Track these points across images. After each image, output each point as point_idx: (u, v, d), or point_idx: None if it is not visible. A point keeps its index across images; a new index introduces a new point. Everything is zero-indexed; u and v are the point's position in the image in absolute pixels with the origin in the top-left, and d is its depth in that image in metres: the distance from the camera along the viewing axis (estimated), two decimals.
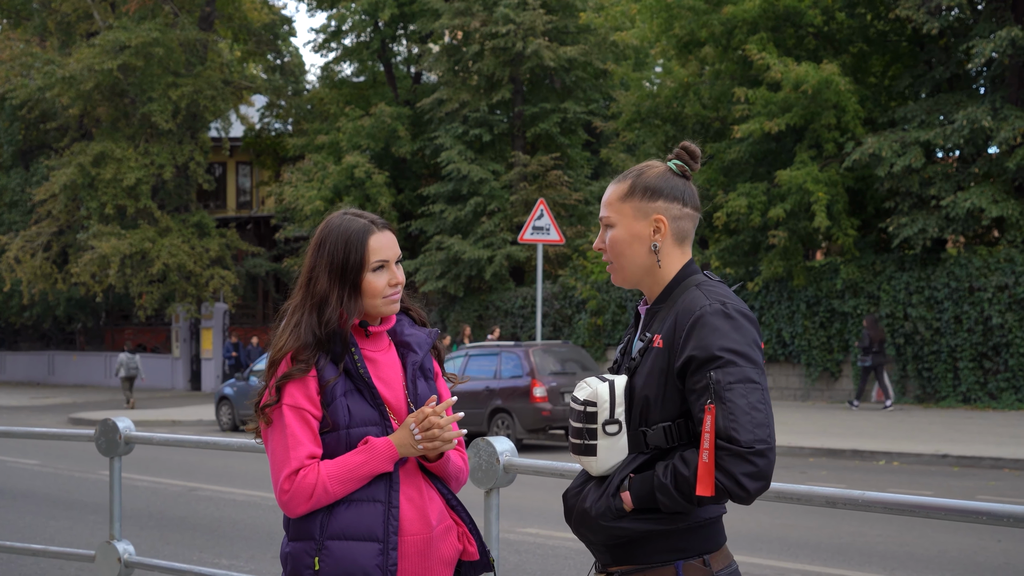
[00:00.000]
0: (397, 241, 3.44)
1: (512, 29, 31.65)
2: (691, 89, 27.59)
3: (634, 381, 3.01)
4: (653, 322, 3.07)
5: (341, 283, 3.33)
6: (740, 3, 25.14)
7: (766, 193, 25.34)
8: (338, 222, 3.40)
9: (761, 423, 2.80)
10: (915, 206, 24.41)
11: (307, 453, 3.24)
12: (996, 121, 22.95)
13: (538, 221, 23.13)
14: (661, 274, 3.09)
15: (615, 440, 2.98)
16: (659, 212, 3.07)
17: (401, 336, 3.48)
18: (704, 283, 3.04)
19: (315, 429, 3.27)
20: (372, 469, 3.27)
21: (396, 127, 35.21)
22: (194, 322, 40.87)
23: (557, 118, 33.35)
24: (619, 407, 2.98)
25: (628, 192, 3.10)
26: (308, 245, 3.44)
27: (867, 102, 26.05)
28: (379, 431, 3.33)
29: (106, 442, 6.10)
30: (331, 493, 3.24)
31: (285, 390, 3.27)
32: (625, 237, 3.09)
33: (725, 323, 2.89)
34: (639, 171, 3.14)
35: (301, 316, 3.33)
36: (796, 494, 3.63)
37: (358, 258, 3.32)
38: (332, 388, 3.28)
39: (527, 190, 32.41)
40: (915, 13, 23.45)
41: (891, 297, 25.10)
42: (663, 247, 3.08)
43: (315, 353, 3.28)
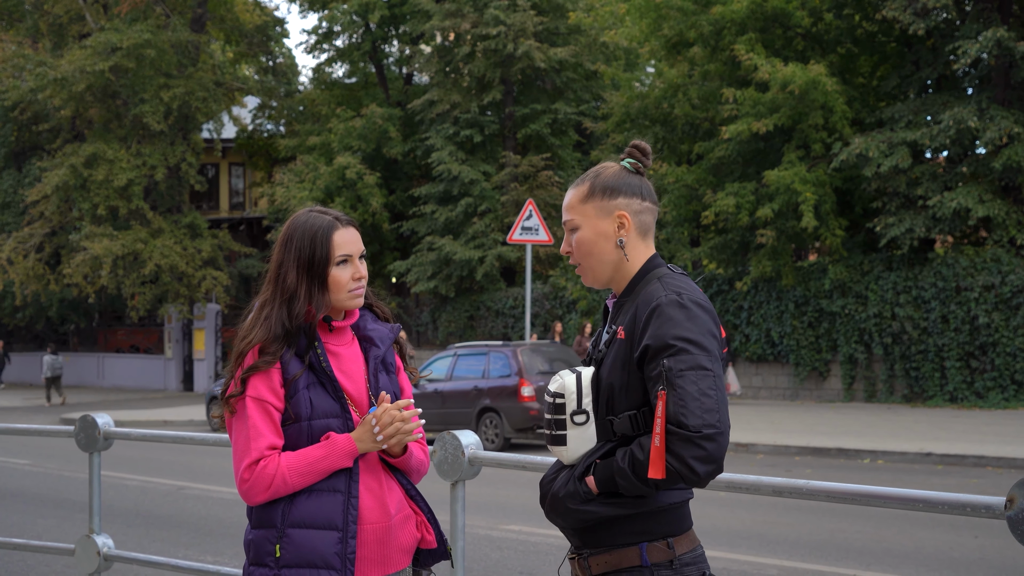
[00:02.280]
0: (361, 238, 3.54)
1: (503, 30, 31.77)
2: (680, 90, 27.70)
3: (600, 372, 3.12)
4: (619, 314, 3.18)
5: (309, 277, 3.42)
6: (729, 3, 25.28)
7: (754, 193, 25.47)
8: (304, 219, 3.50)
9: (710, 408, 2.87)
10: (902, 206, 24.55)
11: (267, 444, 3.33)
12: (982, 121, 23.08)
13: (527, 221, 23.24)
14: (628, 268, 3.19)
15: (583, 429, 3.09)
16: (621, 208, 3.18)
17: (364, 331, 3.59)
18: (665, 276, 3.14)
19: (277, 421, 3.37)
20: (331, 464, 3.37)
21: (387, 128, 35.30)
22: (187, 323, 40.94)
23: (548, 119, 33.46)
24: (586, 397, 3.09)
25: (588, 193, 3.20)
26: (275, 242, 3.53)
27: (854, 102, 26.19)
28: (340, 423, 3.42)
29: (85, 438, 6.20)
30: (289, 484, 3.34)
31: (249, 382, 3.36)
32: (591, 236, 3.19)
33: (679, 312, 2.99)
34: (596, 173, 3.25)
35: (271, 310, 3.42)
36: (745, 484, 3.73)
37: (324, 253, 3.42)
38: (296, 381, 3.38)
39: (518, 191, 32.52)
40: (902, 14, 23.58)
41: (879, 297, 25.23)
42: (628, 242, 3.18)
43: (282, 346, 3.38)
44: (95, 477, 6.14)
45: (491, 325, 33.40)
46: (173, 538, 11.11)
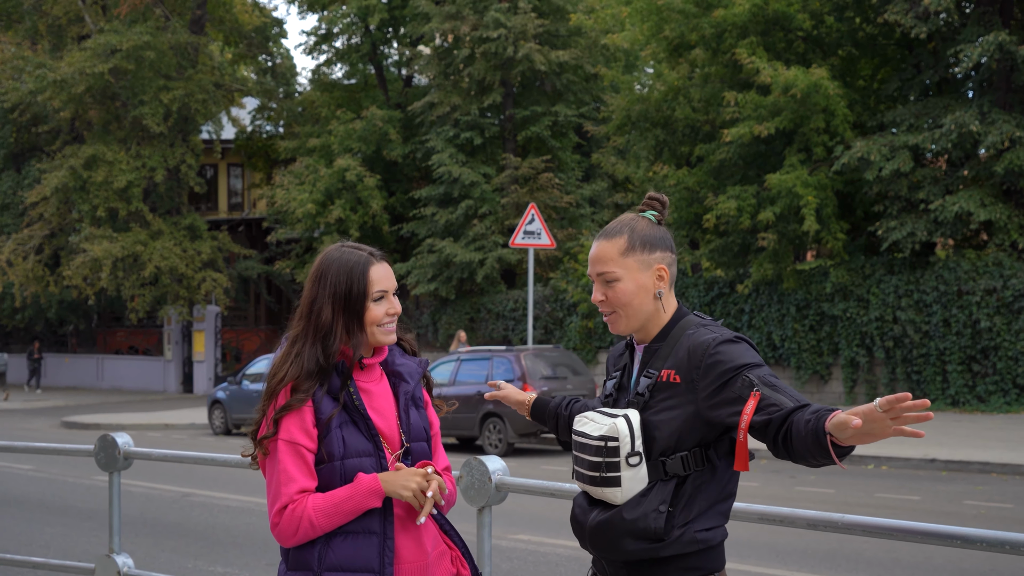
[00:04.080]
0: (393, 274, 3.53)
1: (503, 33, 31.75)
2: (681, 92, 27.70)
3: (646, 416, 3.24)
4: (654, 359, 3.31)
5: (345, 313, 3.40)
6: (730, 7, 25.27)
7: (755, 196, 25.47)
8: (338, 254, 3.47)
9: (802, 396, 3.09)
10: (904, 209, 24.57)
11: (297, 488, 3.30)
12: (984, 125, 23.09)
13: (529, 225, 23.24)
14: (660, 316, 3.36)
15: (637, 471, 3.20)
16: (660, 262, 3.35)
17: (393, 366, 3.55)
18: (702, 322, 3.34)
19: (310, 463, 3.34)
20: (357, 504, 3.33)
21: (387, 130, 35.29)
22: (186, 324, 40.92)
23: (548, 121, 33.45)
24: (638, 439, 3.21)
25: (628, 247, 3.33)
26: (306, 278, 3.50)
27: (856, 106, 26.19)
28: (373, 463, 3.39)
29: (105, 457, 6.19)
30: (317, 526, 3.30)
31: (282, 423, 3.33)
32: (632, 288, 3.32)
33: (737, 347, 3.20)
34: (630, 226, 3.37)
35: (303, 346, 3.39)
36: (779, 516, 3.72)
37: (361, 288, 3.40)
38: (328, 420, 3.35)
39: (518, 193, 32.50)
40: (903, 17, 23.59)
41: (880, 300, 25.24)
42: (664, 294, 3.35)
43: (315, 384, 3.35)
44: (115, 496, 6.13)
45: (491, 327, 33.39)
46: (182, 548, 11.10)
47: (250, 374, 25.68)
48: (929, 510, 12.93)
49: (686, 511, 3.19)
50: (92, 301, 38.91)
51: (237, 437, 24.93)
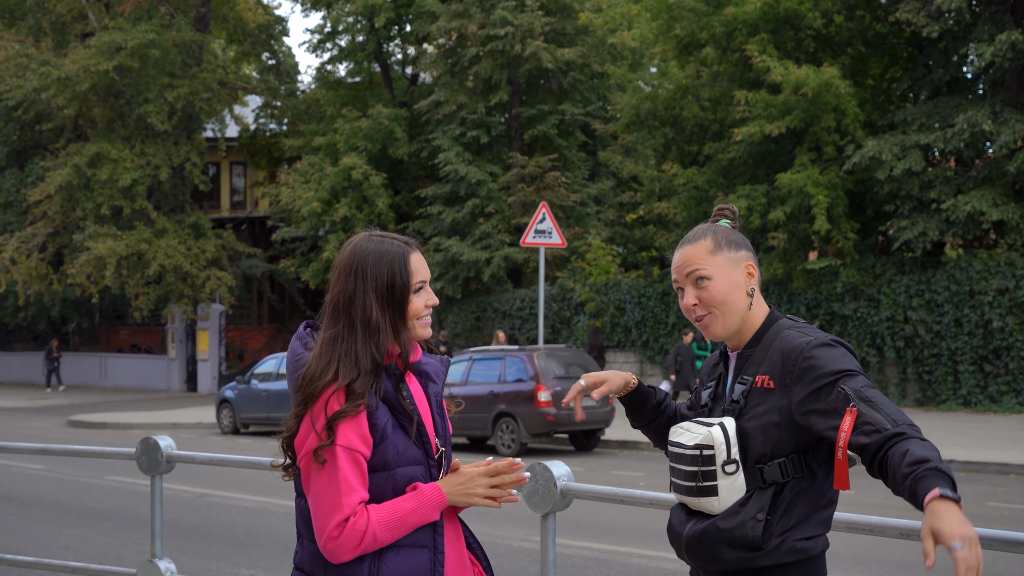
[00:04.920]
0: None
1: (510, 31, 31.67)
2: (690, 91, 27.62)
3: (741, 423, 3.18)
4: (748, 365, 3.25)
5: (391, 307, 3.19)
6: (741, 5, 25.18)
7: (766, 195, 25.40)
8: (373, 245, 3.24)
9: (898, 410, 2.99)
10: (915, 209, 24.48)
11: (359, 499, 3.12)
12: (996, 124, 23.02)
13: (540, 224, 23.13)
14: (752, 319, 3.30)
15: (734, 479, 3.15)
16: (747, 260, 3.31)
17: (420, 365, 3.35)
18: (795, 325, 3.27)
19: (365, 472, 3.15)
20: (421, 517, 3.18)
21: (393, 128, 35.21)
22: (190, 323, 40.81)
23: (555, 120, 33.35)
24: (734, 447, 3.15)
25: (715, 246, 3.29)
26: (335, 272, 3.25)
27: (866, 105, 26.11)
28: (423, 471, 3.24)
29: (147, 461, 6.09)
30: (380, 540, 3.13)
31: (339, 429, 3.10)
32: (726, 286, 3.27)
33: (834, 351, 3.12)
34: (712, 229, 3.35)
35: (351, 345, 3.16)
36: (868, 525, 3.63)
37: (404, 280, 3.20)
38: (383, 427, 3.17)
39: (525, 192, 32.42)
40: (915, 16, 23.51)
41: (891, 300, 25.16)
42: (755, 292, 3.31)
43: (368, 386, 3.14)
44: (156, 500, 6.03)
45: (498, 327, 33.29)
46: (202, 550, 10.99)
47: (259, 373, 25.58)
48: None
49: (784, 519, 3.11)
50: (95, 299, 38.76)
51: (246, 436, 24.82)
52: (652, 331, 29.93)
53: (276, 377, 25.09)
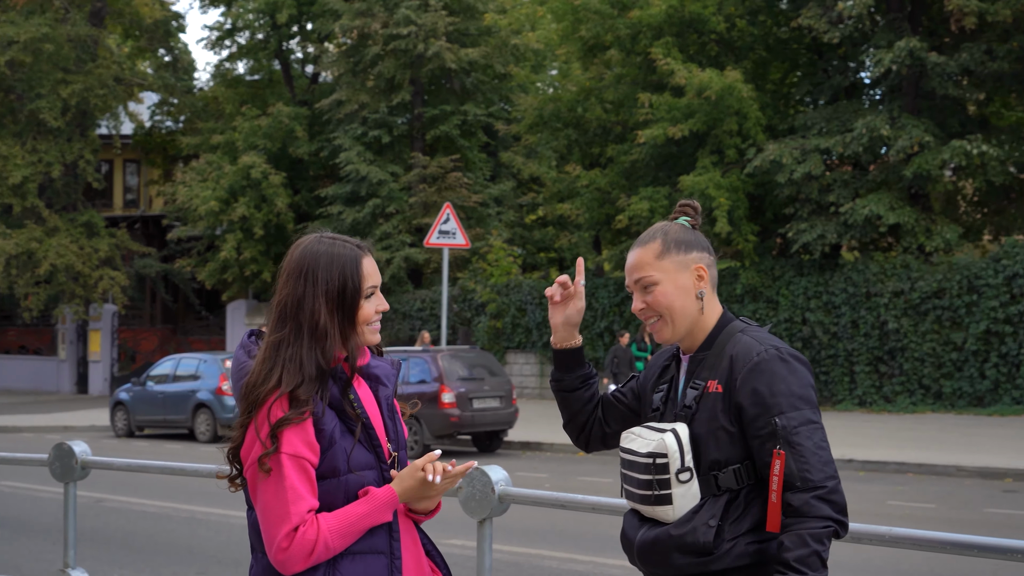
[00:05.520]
0: None
1: (413, 31, 31.50)
2: (593, 93, 27.72)
3: (694, 428, 3.11)
4: (701, 369, 3.18)
5: (340, 312, 3.10)
6: (646, 8, 25.32)
7: (668, 197, 25.56)
8: (324, 247, 3.14)
9: (827, 460, 2.96)
10: (814, 212, 24.83)
11: (307, 507, 3.01)
12: (894, 129, 23.44)
13: (444, 225, 23.03)
14: (704, 321, 3.21)
15: (688, 487, 3.08)
16: (697, 262, 3.22)
17: (369, 369, 3.25)
18: (749, 328, 3.20)
19: (313, 479, 3.04)
20: (373, 520, 3.08)
21: (294, 127, 34.86)
22: (81, 323, 39.96)
23: (457, 120, 33.25)
24: (688, 454, 3.08)
25: (663, 249, 3.22)
26: (283, 274, 3.16)
27: (767, 109, 26.42)
28: (376, 475, 3.14)
29: (61, 467, 5.87)
30: (332, 548, 3.03)
31: (283, 437, 2.99)
32: (673, 290, 3.19)
33: (782, 368, 3.04)
34: (663, 231, 3.27)
35: (297, 351, 3.05)
36: None
37: (355, 284, 3.12)
38: (331, 432, 3.07)
39: (426, 192, 32.27)
40: (816, 22, 23.85)
41: (790, 302, 25.49)
42: (706, 295, 3.22)
43: (313, 392, 3.04)
44: (70, 508, 5.82)
45: (398, 328, 33.09)
46: (103, 556, 10.68)
47: (155, 375, 25.13)
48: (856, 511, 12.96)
49: (737, 525, 3.05)
50: None
51: (141, 439, 24.35)
52: None
53: (173, 379, 24.68)
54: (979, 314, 23.22)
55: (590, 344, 29.19)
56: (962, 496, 14.18)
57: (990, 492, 14.58)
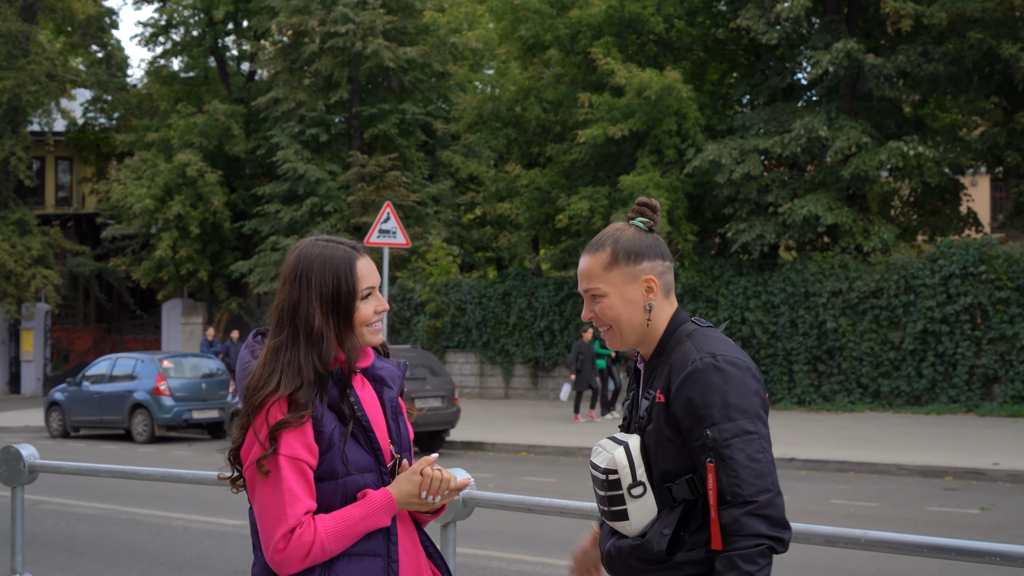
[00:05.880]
0: None
1: (351, 29, 31.30)
2: (533, 92, 27.70)
3: (646, 440, 3.03)
4: (654, 377, 3.09)
5: (335, 315, 3.11)
6: (586, 8, 25.34)
7: (608, 197, 25.60)
8: (318, 250, 3.16)
9: (761, 472, 2.86)
10: (753, 212, 24.97)
11: (304, 509, 3.01)
12: (832, 131, 23.64)
13: (384, 224, 22.86)
14: (653, 330, 3.12)
15: (643, 501, 3.01)
16: (647, 273, 3.10)
17: (374, 370, 3.26)
18: (695, 333, 3.08)
19: (311, 481, 3.05)
20: (371, 524, 3.08)
21: (230, 125, 34.56)
22: (13, 323, 39.35)
23: (395, 119, 33.08)
24: (639, 468, 3.01)
25: (611, 260, 3.11)
26: (280, 278, 3.19)
27: (706, 109, 26.54)
28: (375, 478, 3.14)
29: (8, 471, 5.72)
30: (328, 551, 3.03)
31: (282, 439, 3.01)
32: (619, 303, 3.10)
33: (716, 376, 2.92)
34: (614, 238, 3.15)
35: (295, 354, 3.07)
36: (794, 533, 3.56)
37: (350, 286, 3.12)
38: (330, 434, 3.07)
39: (365, 191, 32.08)
40: (755, 23, 23.99)
41: (729, 301, 25.62)
42: (655, 305, 3.11)
43: (312, 395, 3.05)
44: (18, 513, 5.68)
45: None
46: (43, 560, 10.47)
47: (91, 375, 24.78)
48: (799, 510, 13.04)
49: (699, 534, 2.97)
50: None
51: (77, 440, 24.01)
52: (492, 332, 29.93)
53: (109, 379, 24.36)
54: (916, 314, 23.47)
55: (530, 343, 29.19)
56: (904, 495, 14.30)
57: (932, 491, 14.71)
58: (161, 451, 21.68)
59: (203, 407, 23.77)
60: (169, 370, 23.89)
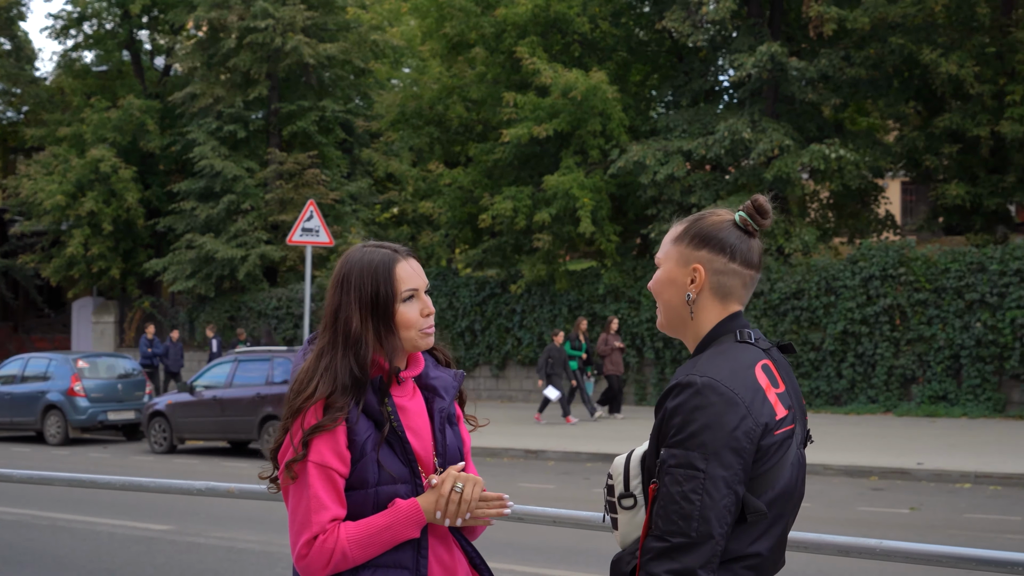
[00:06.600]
0: (423, 270, 3.20)
1: (271, 24, 30.93)
2: (456, 91, 27.56)
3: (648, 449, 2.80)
4: None
5: (374, 319, 3.07)
6: (512, 6, 25.26)
7: (531, 197, 25.53)
8: (359, 255, 3.15)
9: (687, 515, 2.56)
10: (676, 213, 25.03)
11: (329, 517, 2.96)
12: (755, 133, 23.77)
13: (307, 223, 22.56)
14: (695, 328, 2.87)
15: (633, 514, 2.78)
16: (699, 262, 2.85)
17: (426, 379, 3.21)
18: (724, 347, 2.80)
19: (340, 488, 2.99)
20: (396, 535, 3.00)
21: (145, 120, 33.99)
22: None
23: (315, 116, 32.77)
24: (634, 479, 2.79)
25: (681, 235, 2.91)
26: (328, 286, 3.19)
27: (629, 110, 26.58)
28: (409, 489, 3.05)
29: None
30: (350, 558, 2.96)
31: (313, 445, 2.97)
32: (664, 280, 2.90)
33: (692, 399, 2.64)
34: (701, 215, 2.94)
35: (333, 358, 3.04)
36: (806, 542, 3.47)
37: (388, 290, 3.08)
38: (363, 442, 3.00)
39: (283, 188, 31.73)
40: (680, 25, 24.06)
41: (651, 302, 25.66)
42: (699, 299, 2.85)
43: (349, 400, 3.01)
44: None
45: (253, 326, 32.49)
46: None
47: (1, 376, 24.17)
48: None
49: None
50: None
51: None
52: None
53: (20, 380, 23.82)
54: (836, 315, 23.69)
55: (451, 344, 28.98)
56: (833, 495, 14.37)
57: (860, 490, 14.81)
58: (75, 453, 21.19)
59: (119, 408, 23.31)
60: (84, 370, 23.37)
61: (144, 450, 21.74)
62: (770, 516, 2.70)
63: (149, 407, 21.78)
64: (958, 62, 23.17)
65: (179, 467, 18.55)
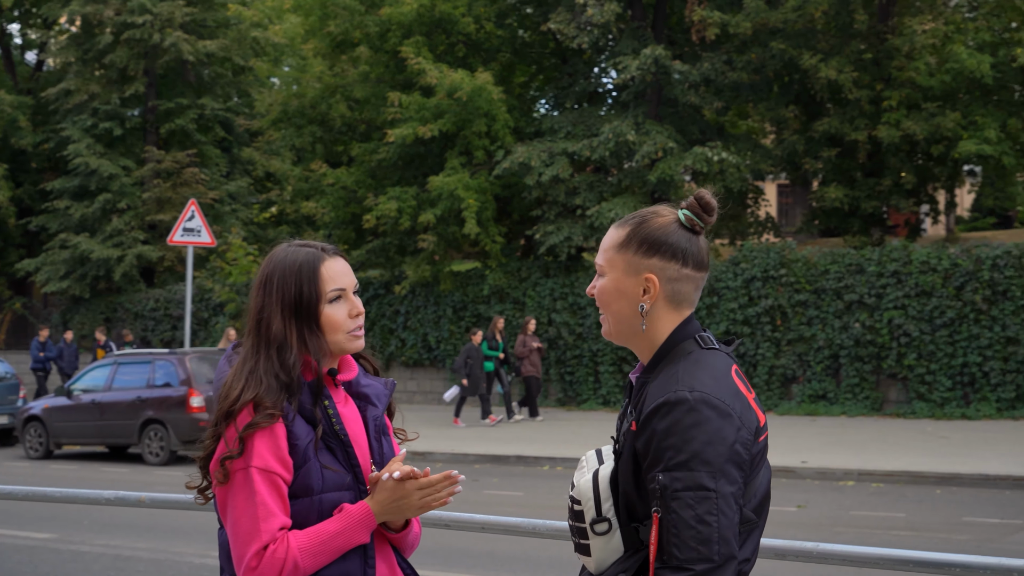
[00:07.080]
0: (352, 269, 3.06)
1: (149, 20, 30.36)
2: (339, 90, 27.32)
3: (618, 468, 2.69)
4: (641, 397, 2.69)
5: (298, 321, 2.94)
6: (397, 6, 25.13)
7: (416, 197, 25.41)
8: (282, 254, 3.00)
9: (707, 538, 2.47)
10: (560, 215, 25.13)
11: (279, 524, 2.81)
12: (639, 135, 23.95)
13: (189, 222, 22.22)
14: (649, 337, 2.73)
15: (607, 539, 2.67)
16: (651, 271, 2.71)
17: (358, 387, 3.09)
18: (691, 356, 2.68)
19: (285, 495, 2.86)
20: (347, 540, 2.88)
21: (16, 116, 33.13)
22: None
23: (193, 114, 32.26)
24: (606, 503, 2.67)
25: (625, 242, 2.75)
26: (252, 287, 3.03)
27: (514, 111, 26.60)
28: (353, 496, 2.93)
29: None
30: (301, 568, 2.82)
31: (254, 448, 2.82)
32: (611, 290, 2.75)
33: (686, 416, 2.54)
34: (643, 218, 2.78)
35: (256, 363, 2.91)
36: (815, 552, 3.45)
37: (312, 290, 2.94)
38: (305, 447, 2.87)
39: (161, 187, 31.17)
40: (566, 27, 24.15)
41: (536, 303, 25.72)
42: (652, 310, 2.72)
43: (280, 398, 2.86)
44: None
45: (129, 328, 31.82)
46: None
47: None
48: None
49: None
50: None
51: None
52: None
53: None
54: (719, 315, 23.97)
55: None
56: None
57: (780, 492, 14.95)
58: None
59: None
60: None
61: (19, 455, 21.14)
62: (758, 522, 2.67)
63: (24, 411, 21.18)
64: (837, 67, 23.62)
65: (56, 473, 18.07)
